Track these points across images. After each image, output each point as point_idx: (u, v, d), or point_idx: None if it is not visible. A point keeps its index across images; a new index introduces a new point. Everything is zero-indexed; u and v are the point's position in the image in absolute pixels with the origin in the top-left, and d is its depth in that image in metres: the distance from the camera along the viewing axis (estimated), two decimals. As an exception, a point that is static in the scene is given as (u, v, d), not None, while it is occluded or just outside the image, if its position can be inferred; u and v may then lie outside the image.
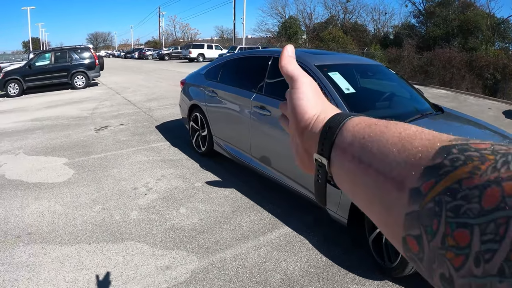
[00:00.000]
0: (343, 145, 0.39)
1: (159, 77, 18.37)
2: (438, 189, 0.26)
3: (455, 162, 0.26)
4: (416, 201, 0.27)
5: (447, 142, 0.28)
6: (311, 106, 0.46)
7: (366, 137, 0.36)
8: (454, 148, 0.27)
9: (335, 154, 0.40)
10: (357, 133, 0.38)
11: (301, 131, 0.46)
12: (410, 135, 0.32)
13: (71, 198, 3.93)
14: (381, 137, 0.34)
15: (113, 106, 9.72)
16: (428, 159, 0.28)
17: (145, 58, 44.20)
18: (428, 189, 0.26)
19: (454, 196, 0.24)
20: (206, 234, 3.30)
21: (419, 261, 0.27)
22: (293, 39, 40.09)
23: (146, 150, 5.65)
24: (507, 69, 16.65)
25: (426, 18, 30.86)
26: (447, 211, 0.24)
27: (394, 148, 0.32)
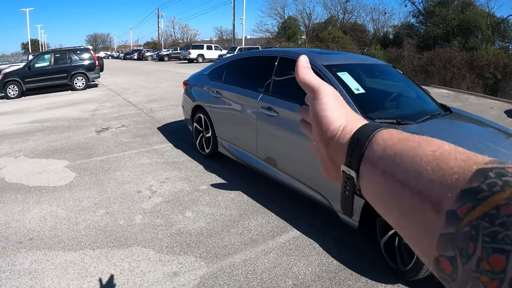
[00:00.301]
0: (373, 159, 0.38)
1: (159, 78, 18.28)
2: (476, 213, 0.26)
3: (493, 187, 0.26)
4: (452, 224, 0.27)
5: (483, 165, 0.28)
6: (336, 116, 0.46)
7: (398, 152, 0.36)
8: (491, 171, 0.27)
9: (364, 167, 0.39)
10: (388, 148, 0.37)
11: (326, 142, 0.46)
12: (444, 154, 0.32)
13: (73, 202, 3.83)
14: (414, 153, 0.34)
15: (114, 107, 9.62)
16: (464, 182, 0.28)
17: (144, 59, 44.25)
18: (465, 213, 0.26)
19: (492, 222, 0.24)
20: (213, 238, 3.21)
21: (452, 281, 0.27)
22: (292, 39, 40.09)
23: (148, 152, 5.55)
24: (507, 69, 16.60)
25: (425, 18, 30.80)
26: (484, 236, 0.24)
27: (428, 166, 0.32)
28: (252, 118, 4.07)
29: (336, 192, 3.16)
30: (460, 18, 26.71)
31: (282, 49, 4.38)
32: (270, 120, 3.81)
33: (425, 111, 3.59)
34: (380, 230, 2.90)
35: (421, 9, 31.80)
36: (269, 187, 4.23)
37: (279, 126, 3.69)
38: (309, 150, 0.52)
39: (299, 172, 3.55)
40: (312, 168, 3.35)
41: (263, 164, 4.07)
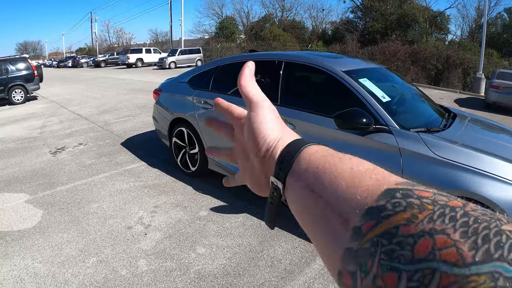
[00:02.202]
0: (298, 172, 0.40)
1: (103, 85, 17.06)
2: (377, 231, 0.27)
3: (396, 207, 0.27)
4: (356, 239, 0.28)
5: (393, 185, 0.30)
6: (272, 130, 0.46)
7: (320, 167, 0.37)
8: (398, 192, 0.29)
9: (290, 179, 0.40)
10: (312, 162, 0.39)
11: (263, 155, 0.46)
12: (361, 172, 0.34)
13: (52, 250, 3.10)
14: (334, 169, 0.36)
15: (63, 122, 8.59)
16: (372, 200, 0.29)
17: (79, 66, 42.02)
18: (368, 229, 0.28)
19: (390, 240, 0.25)
20: (244, 277, 2.69)
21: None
22: (230, 39, 39.81)
23: (121, 175, 4.85)
24: (450, 60, 17.43)
25: (364, 13, 31.79)
26: (382, 253, 0.25)
27: (344, 182, 0.33)
28: None
29: None
30: (398, 13, 27.86)
31: (286, 53, 3.91)
32: None
33: (439, 116, 3.43)
34: None
35: (359, 4, 32.78)
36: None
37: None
38: None
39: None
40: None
41: (270, 180, 3.60)
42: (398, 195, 0.28)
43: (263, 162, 0.46)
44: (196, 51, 31.28)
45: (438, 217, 0.25)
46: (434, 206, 0.26)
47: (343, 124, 2.77)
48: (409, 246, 0.24)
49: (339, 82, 3.12)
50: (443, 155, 2.51)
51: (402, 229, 0.25)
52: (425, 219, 0.25)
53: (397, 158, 2.66)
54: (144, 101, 11.24)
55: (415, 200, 0.27)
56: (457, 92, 16.05)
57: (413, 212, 0.26)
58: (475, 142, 2.82)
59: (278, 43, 31.32)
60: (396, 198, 0.28)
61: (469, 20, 36.80)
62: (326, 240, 0.33)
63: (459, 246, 0.22)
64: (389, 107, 3.01)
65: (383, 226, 0.27)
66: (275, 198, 0.43)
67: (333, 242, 0.32)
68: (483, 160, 2.43)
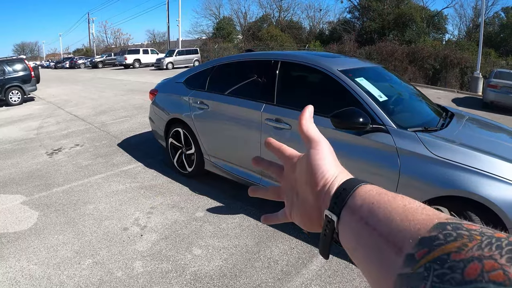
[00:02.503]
0: (353, 207, 0.42)
1: (100, 86, 17.01)
2: (430, 257, 0.29)
3: (448, 237, 0.30)
4: (410, 265, 0.31)
5: (443, 220, 0.33)
6: (330, 167, 0.49)
7: (375, 203, 0.40)
8: (449, 225, 0.32)
9: (345, 213, 0.43)
10: (367, 198, 0.41)
11: (319, 189, 0.48)
12: (413, 208, 0.36)
13: (47, 252, 3.08)
14: (388, 205, 0.38)
15: (60, 123, 8.55)
16: (425, 231, 0.32)
17: (77, 67, 41.79)
18: (421, 256, 0.30)
19: (442, 265, 0.28)
20: (240, 278, 2.67)
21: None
22: (227, 39, 39.81)
23: (118, 176, 4.82)
24: (447, 59, 17.43)
25: (361, 13, 31.80)
26: (434, 276, 0.28)
27: (398, 217, 0.36)
28: (254, 132, 3.55)
29: None
30: (395, 12, 27.86)
31: (282, 53, 3.88)
32: (280, 133, 3.32)
33: (436, 115, 3.43)
34: None
35: (357, 4, 32.78)
36: (273, 206, 3.75)
37: (295, 140, 3.22)
38: None
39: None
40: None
41: (268, 182, 3.58)
42: (449, 227, 0.31)
43: (319, 197, 0.48)
44: (194, 52, 31.22)
45: (486, 245, 0.27)
46: (481, 236, 0.29)
47: (339, 124, 2.75)
48: (460, 270, 0.27)
49: (335, 81, 3.10)
50: (441, 154, 2.49)
51: (453, 255, 0.28)
52: (474, 247, 0.28)
53: (395, 157, 2.64)
54: (141, 101, 11.20)
55: (464, 231, 0.30)
56: (454, 92, 16.06)
57: (463, 242, 0.29)
58: (473, 141, 2.80)
59: (276, 43, 31.33)
60: (447, 230, 0.31)
61: (466, 20, 36.95)
62: (379, 268, 0.35)
63: (506, 269, 0.25)
64: (386, 106, 2.99)
65: (435, 253, 0.29)
66: (328, 231, 0.46)
67: (385, 270, 0.34)
68: (481, 160, 2.41)
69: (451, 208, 2.43)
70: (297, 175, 0.53)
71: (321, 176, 0.48)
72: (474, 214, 2.32)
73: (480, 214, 2.32)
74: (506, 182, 2.28)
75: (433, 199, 2.47)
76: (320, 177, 0.48)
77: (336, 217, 0.44)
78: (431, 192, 2.46)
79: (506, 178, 2.29)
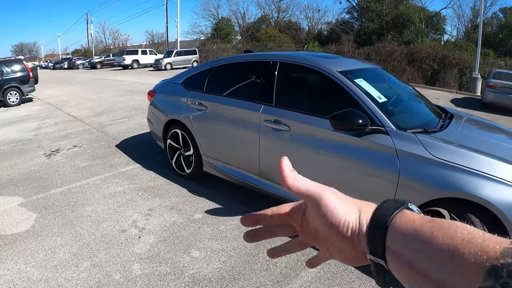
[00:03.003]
0: (395, 249, 0.40)
1: (99, 87, 16.97)
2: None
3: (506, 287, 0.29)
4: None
5: (494, 261, 0.31)
6: (346, 211, 0.46)
7: (417, 244, 0.37)
8: (502, 270, 0.29)
9: (389, 257, 0.41)
10: (407, 237, 0.39)
11: (348, 237, 0.45)
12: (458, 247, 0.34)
13: (45, 254, 3.05)
14: (432, 244, 0.36)
15: (58, 124, 8.52)
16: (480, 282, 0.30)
17: (75, 68, 41.73)
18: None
19: None
20: (239, 281, 2.65)
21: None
22: (226, 40, 39.84)
23: (116, 177, 4.80)
24: (446, 60, 17.44)
25: (360, 14, 31.83)
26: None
27: (445, 259, 0.34)
28: (252, 133, 3.53)
29: None
30: (394, 13, 27.88)
31: (281, 53, 3.86)
32: (278, 135, 3.31)
33: (436, 117, 3.42)
34: None
35: (355, 5, 32.81)
36: (271, 206, 3.74)
37: (293, 142, 3.21)
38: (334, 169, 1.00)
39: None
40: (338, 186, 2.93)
41: (266, 183, 3.57)
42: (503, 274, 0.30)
43: (353, 242, 0.46)
44: (192, 52, 31.22)
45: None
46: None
47: (338, 125, 2.73)
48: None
49: (334, 82, 3.09)
50: (441, 156, 2.48)
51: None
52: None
53: (394, 159, 2.62)
54: (139, 102, 11.18)
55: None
56: (453, 92, 16.07)
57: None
58: (472, 142, 2.79)
59: (274, 44, 31.33)
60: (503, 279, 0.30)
61: (465, 20, 37.01)
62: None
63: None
64: (385, 107, 2.98)
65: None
66: (380, 270, 0.44)
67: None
68: (481, 161, 2.40)
69: (451, 210, 2.42)
70: (316, 227, 0.49)
71: (342, 225, 0.46)
72: (474, 216, 2.31)
73: (480, 216, 2.30)
74: (505, 183, 2.27)
75: (433, 201, 2.46)
76: (341, 226, 0.46)
77: (382, 261, 0.42)
78: (431, 194, 2.44)
79: (505, 180, 2.28)
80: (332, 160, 2.96)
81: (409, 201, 0.45)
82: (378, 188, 2.71)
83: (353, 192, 2.17)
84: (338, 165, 2.92)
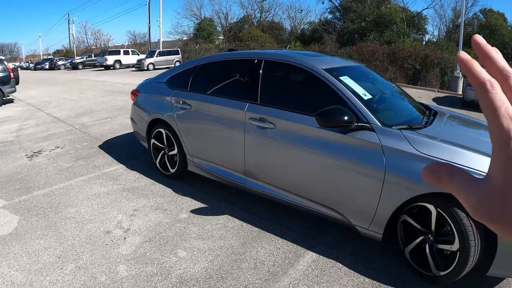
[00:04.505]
0: None
1: (81, 88, 16.69)
2: None
3: None
4: None
5: None
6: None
7: None
8: None
9: None
10: None
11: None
12: None
13: (29, 257, 2.98)
14: None
15: (40, 125, 8.35)
16: None
17: (57, 68, 41.07)
18: None
19: None
20: (227, 280, 2.63)
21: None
22: (208, 40, 39.73)
23: (100, 178, 4.72)
24: (428, 59, 17.72)
25: (342, 14, 32.10)
26: None
27: None
28: (237, 132, 3.51)
29: (352, 207, 2.89)
30: (376, 13, 28.20)
31: (266, 51, 3.84)
32: (264, 133, 3.30)
33: (420, 113, 3.47)
34: (403, 239, 2.79)
35: (338, 5, 33.07)
36: (257, 205, 3.74)
37: (279, 140, 3.20)
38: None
39: (308, 190, 3.11)
40: (325, 185, 2.96)
41: (252, 181, 3.55)
42: None
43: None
44: (175, 53, 31.03)
45: None
46: None
47: (324, 122, 2.74)
48: None
49: (320, 80, 3.09)
50: (426, 151, 2.50)
51: None
52: None
53: (380, 155, 2.64)
54: (122, 103, 11.04)
55: None
56: (435, 91, 16.32)
57: None
58: (456, 138, 2.83)
59: (257, 44, 31.37)
60: None
61: (446, 20, 37.68)
62: None
63: None
64: (371, 104, 3.00)
65: None
66: None
67: None
68: (465, 156, 2.44)
69: (437, 205, 2.44)
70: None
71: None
72: (460, 210, 2.34)
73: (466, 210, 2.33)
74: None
75: (419, 196, 2.48)
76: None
77: None
78: (417, 190, 2.47)
79: (489, 174, 2.31)
80: (318, 157, 2.96)
81: None
82: (364, 184, 2.73)
83: (339, 188, 2.17)
84: (324, 162, 2.93)
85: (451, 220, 2.37)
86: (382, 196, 2.64)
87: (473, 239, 2.31)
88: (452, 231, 2.39)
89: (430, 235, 2.57)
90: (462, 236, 2.33)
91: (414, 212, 2.64)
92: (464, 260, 2.36)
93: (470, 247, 2.32)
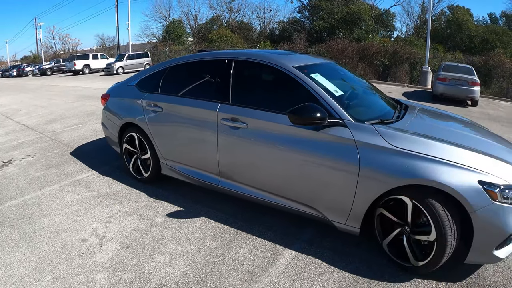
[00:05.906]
0: None
1: (51, 94, 16.24)
2: None
3: None
4: None
5: None
6: None
7: None
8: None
9: None
10: None
11: None
12: None
13: (4, 271, 2.86)
14: None
15: (9, 134, 8.07)
16: None
17: (25, 75, 39.72)
18: None
19: None
20: (207, 283, 2.62)
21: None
22: (178, 41, 39.45)
23: (73, 186, 4.61)
24: (397, 55, 18.10)
25: (311, 13, 32.40)
26: None
27: None
28: (210, 132, 3.49)
29: (328, 204, 2.92)
30: (344, 11, 28.60)
31: (236, 51, 3.83)
32: (237, 133, 3.29)
33: (391, 108, 3.54)
34: (380, 232, 2.85)
35: (306, 4, 33.36)
36: (233, 206, 3.75)
37: (252, 139, 3.20)
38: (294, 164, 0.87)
39: (283, 188, 3.12)
40: (300, 182, 2.98)
41: (226, 182, 3.54)
42: None
43: None
44: (144, 55, 30.71)
45: None
46: None
47: (297, 120, 2.76)
48: None
49: (291, 78, 3.11)
50: (399, 145, 2.55)
51: None
52: None
53: (353, 150, 2.67)
54: (92, 108, 10.82)
55: None
56: (404, 86, 16.71)
57: None
58: (428, 130, 2.91)
59: (226, 44, 31.34)
60: None
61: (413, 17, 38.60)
62: None
63: None
64: (342, 100, 3.04)
65: None
66: None
67: None
68: (437, 148, 2.50)
69: (413, 197, 2.50)
70: None
71: None
72: (435, 201, 2.39)
73: (441, 200, 2.39)
74: (462, 167, 2.37)
75: (394, 189, 2.53)
76: None
77: None
78: (392, 183, 2.51)
79: (462, 164, 2.39)
80: (291, 155, 2.98)
81: None
82: (339, 180, 2.76)
83: (314, 185, 2.19)
84: (298, 160, 2.94)
85: (427, 211, 2.43)
86: (357, 191, 2.68)
87: (449, 228, 2.37)
88: (428, 222, 2.44)
89: (407, 227, 2.63)
90: (438, 226, 2.39)
91: (390, 205, 2.69)
92: (441, 250, 2.43)
93: (447, 236, 2.38)
